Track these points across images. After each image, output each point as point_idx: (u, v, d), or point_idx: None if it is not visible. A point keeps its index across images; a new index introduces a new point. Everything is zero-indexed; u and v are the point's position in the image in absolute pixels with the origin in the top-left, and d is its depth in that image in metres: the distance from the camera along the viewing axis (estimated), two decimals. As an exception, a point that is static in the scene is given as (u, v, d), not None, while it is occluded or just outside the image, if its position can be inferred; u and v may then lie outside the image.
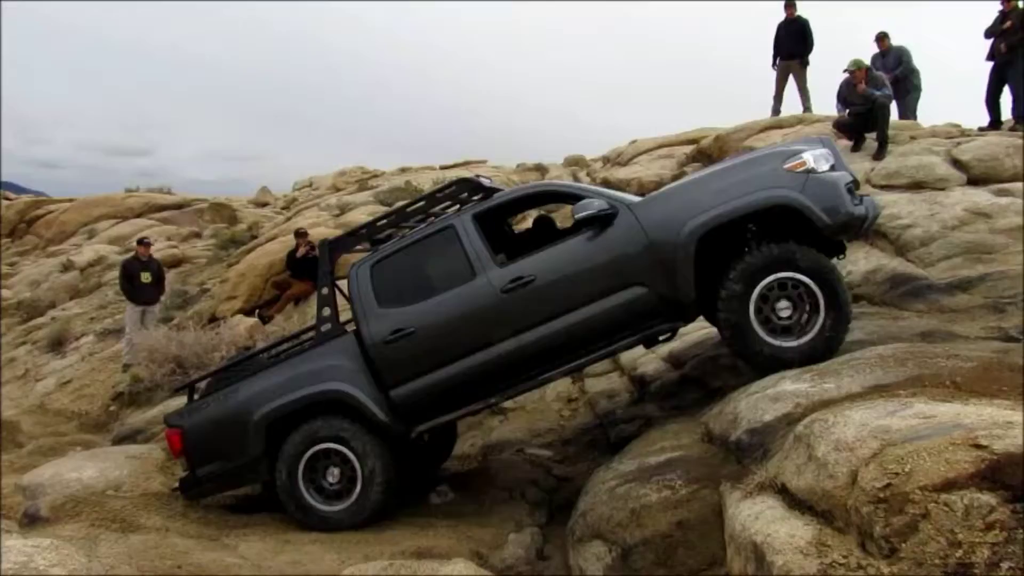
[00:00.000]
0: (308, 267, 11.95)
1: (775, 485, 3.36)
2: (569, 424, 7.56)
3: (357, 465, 5.32)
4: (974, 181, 8.73)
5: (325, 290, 5.72)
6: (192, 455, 5.61)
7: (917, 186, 8.77)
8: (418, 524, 5.51)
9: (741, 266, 4.83)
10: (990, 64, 10.38)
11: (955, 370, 4.01)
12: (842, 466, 2.82)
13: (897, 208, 8.21)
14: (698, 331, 7.13)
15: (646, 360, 7.72)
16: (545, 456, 6.88)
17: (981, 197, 8.14)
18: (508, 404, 7.91)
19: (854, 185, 5.16)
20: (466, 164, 17.83)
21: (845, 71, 9.69)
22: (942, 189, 8.61)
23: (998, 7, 10.18)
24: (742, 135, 11.70)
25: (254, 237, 15.62)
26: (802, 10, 12.38)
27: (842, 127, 9.99)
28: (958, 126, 10.74)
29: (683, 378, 6.75)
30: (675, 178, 6.46)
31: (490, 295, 5.13)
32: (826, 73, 10.78)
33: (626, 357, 8.11)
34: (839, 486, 2.78)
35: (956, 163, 9.03)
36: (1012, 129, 10.08)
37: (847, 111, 9.95)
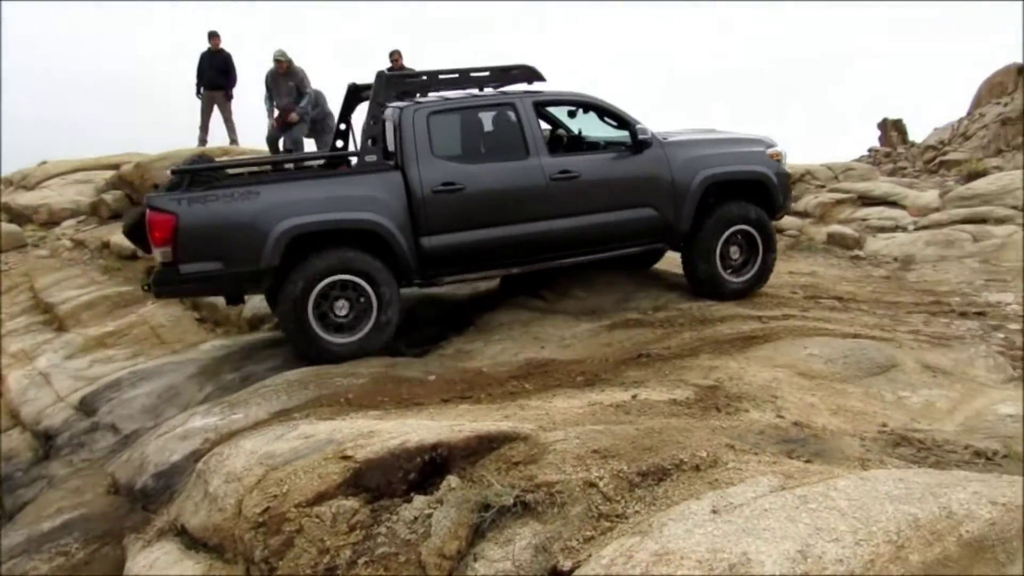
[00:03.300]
0: None
1: (176, 527, 3.27)
2: (-52, 501, 6.15)
3: (375, 302, 5.33)
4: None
5: (374, 121, 5.61)
6: (182, 248, 5.03)
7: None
8: None
9: (720, 213, 6.13)
10: None
11: (349, 387, 4.51)
12: (230, 497, 2.89)
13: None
14: (116, 372, 6.55)
15: (53, 411, 6.73)
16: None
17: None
18: None
19: None
20: None
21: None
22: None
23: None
24: (166, 163, 11.21)
25: None
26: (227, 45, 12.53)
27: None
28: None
29: (95, 425, 6.10)
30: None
31: (539, 178, 5.72)
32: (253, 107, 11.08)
33: (28, 410, 6.99)
34: (227, 517, 2.84)
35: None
36: None
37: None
